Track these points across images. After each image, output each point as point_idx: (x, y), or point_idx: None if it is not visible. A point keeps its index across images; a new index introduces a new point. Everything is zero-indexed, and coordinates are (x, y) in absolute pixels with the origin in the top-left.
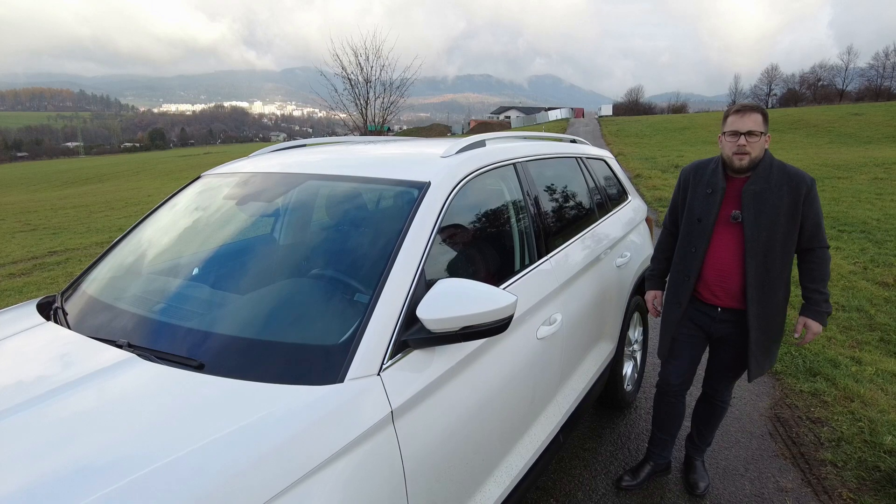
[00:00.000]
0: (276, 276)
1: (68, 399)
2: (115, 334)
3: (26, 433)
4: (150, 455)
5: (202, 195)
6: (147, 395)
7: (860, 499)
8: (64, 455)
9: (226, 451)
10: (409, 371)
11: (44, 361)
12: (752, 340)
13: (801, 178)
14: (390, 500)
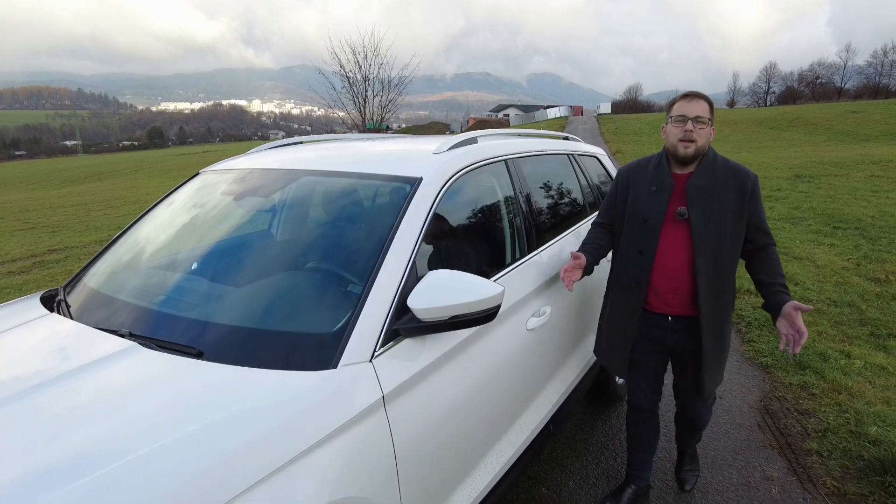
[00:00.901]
0: (273, 269)
1: (73, 385)
2: (117, 324)
3: (33, 418)
4: (153, 436)
5: (200, 191)
6: (148, 380)
7: (843, 487)
8: (68, 438)
9: (225, 432)
10: (401, 358)
11: (48, 350)
12: (706, 350)
13: (745, 174)
14: (383, 482)
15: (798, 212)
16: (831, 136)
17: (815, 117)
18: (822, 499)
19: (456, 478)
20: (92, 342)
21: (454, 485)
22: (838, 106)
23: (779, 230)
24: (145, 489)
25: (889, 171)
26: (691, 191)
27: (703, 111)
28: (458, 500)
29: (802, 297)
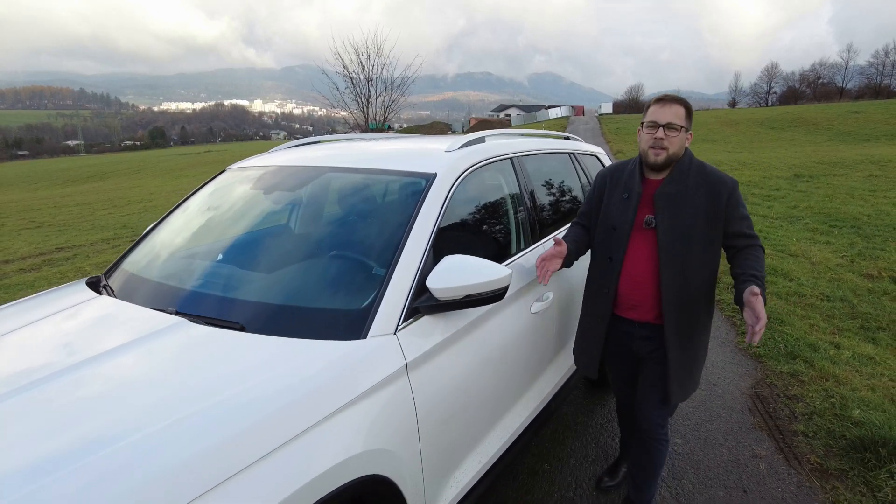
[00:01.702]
0: (305, 255)
1: (138, 351)
2: (164, 304)
3: (106, 380)
4: (211, 392)
5: (229, 186)
6: (198, 349)
7: (826, 463)
8: (143, 393)
9: (274, 390)
10: (420, 333)
11: (108, 325)
12: (671, 359)
13: (721, 181)
14: (406, 438)
15: (796, 211)
16: (832, 136)
17: (816, 117)
18: (805, 474)
19: (469, 443)
20: (145, 318)
21: (467, 451)
22: (839, 106)
23: (776, 228)
24: (219, 430)
25: (888, 170)
26: (659, 198)
27: (675, 117)
28: (470, 465)
29: (796, 292)
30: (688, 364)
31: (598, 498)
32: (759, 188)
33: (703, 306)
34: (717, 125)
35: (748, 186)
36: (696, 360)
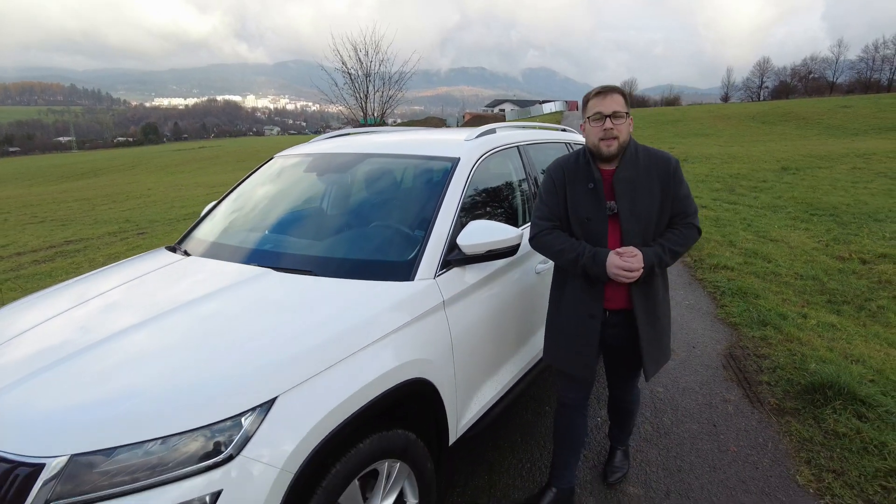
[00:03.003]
0: (360, 221)
1: (237, 293)
2: (249, 259)
3: (233, 305)
4: (309, 311)
5: (281, 170)
6: (284, 288)
7: (783, 404)
8: (249, 322)
9: (351, 313)
10: (452, 279)
11: (211, 273)
12: (644, 339)
13: (666, 160)
14: (443, 354)
15: (780, 201)
16: (821, 130)
17: (806, 112)
18: (766, 413)
19: (487, 372)
20: (237, 269)
21: (485, 377)
22: (829, 101)
23: (760, 217)
24: (322, 334)
25: (871, 163)
26: (618, 184)
27: (619, 106)
28: (488, 389)
29: (773, 271)
30: (657, 339)
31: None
32: (747, 180)
33: (662, 282)
34: (709, 119)
35: (737, 178)
36: (664, 334)
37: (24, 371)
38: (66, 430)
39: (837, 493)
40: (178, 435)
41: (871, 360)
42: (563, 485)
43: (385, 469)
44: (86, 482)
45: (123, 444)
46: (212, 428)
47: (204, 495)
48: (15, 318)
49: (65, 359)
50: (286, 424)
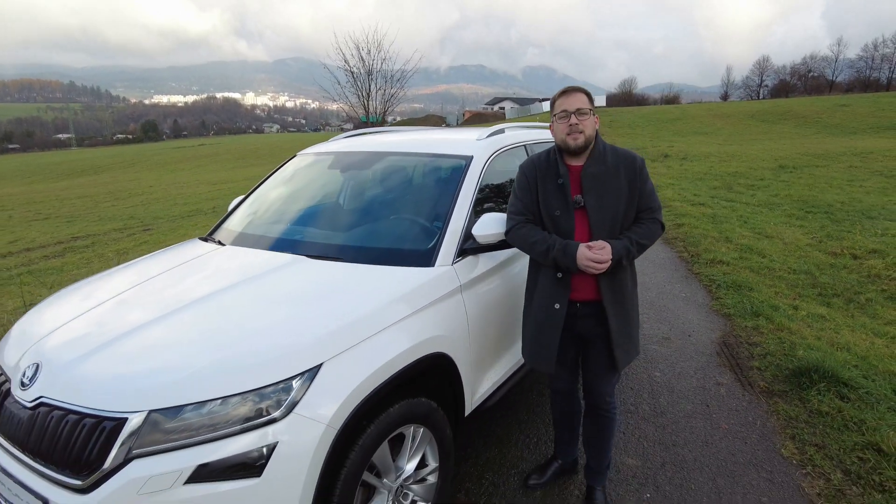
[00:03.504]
0: (382, 214)
1: (276, 276)
2: (280, 248)
3: (268, 293)
4: (338, 298)
5: (305, 167)
6: (318, 272)
7: (771, 386)
8: (291, 299)
9: (378, 295)
10: (468, 266)
11: (247, 260)
12: (613, 330)
13: (632, 158)
14: (461, 331)
15: (776, 199)
16: (820, 128)
17: (805, 110)
18: (755, 395)
19: (498, 352)
20: (270, 257)
21: (496, 357)
22: (828, 99)
23: (756, 214)
24: (357, 311)
25: (867, 162)
26: (585, 179)
27: (582, 103)
28: (498, 368)
29: (767, 266)
30: (626, 330)
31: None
32: (744, 178)
33: (630, 275)
34: (708, 118)
35: (735, 177)
36: (632, 326)
37: (105, 339)
38: (145, 389)
39: (818, 464)
40: (238, 395)
41: (856, 347)
42: (567, 458)
43: (410, 433)
44: (161, 434)
45: (192, 402)
46: (267, 389)
47: (261, 447)
48: (83, 295)
49: (139, 328)
50: (330, 387)
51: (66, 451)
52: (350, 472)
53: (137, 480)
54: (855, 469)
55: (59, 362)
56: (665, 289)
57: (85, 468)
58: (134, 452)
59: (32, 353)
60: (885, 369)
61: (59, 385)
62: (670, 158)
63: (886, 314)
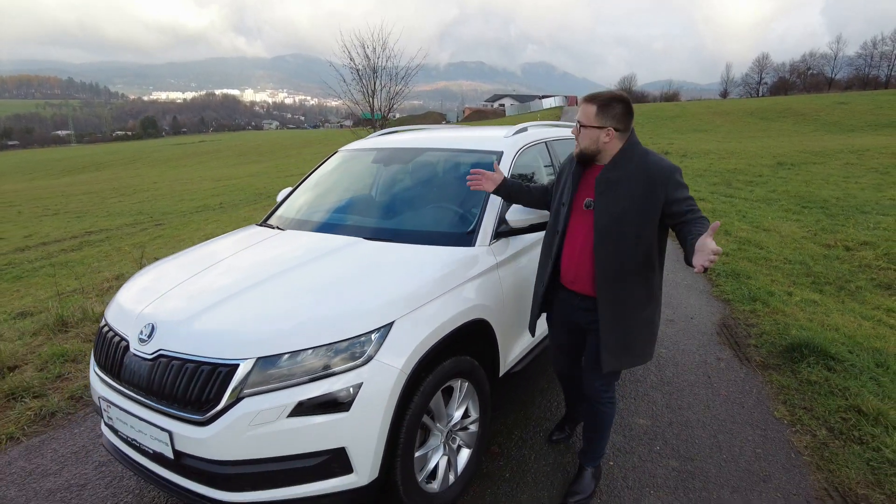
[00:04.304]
0: (426, 202)
1: (343, 253)
2: (337, 231)
3: (339, 267)
4: (399, 271)
5: (348, 161)
6: (377, 251)
7: (766, 361)
8: (362, 273)
9: (430, 268)
10: (502, 247)
11: (310, 241)
12: (603, 329)
13: (660, 168)
14: (497, 304)
15: (774, 194)
16: (819, 126)
17: (804, 108)
18: (752, 368)
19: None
20: (330, 238)
21: (524, 327)
22: (827, 97)
23: (754, 209)
24: (416, 281)
25: (864, 159)
26: (599, 183)
27: (583, 116)
28: (527, 337)
29: (764, 257)
30: (621, 336)
31: None
32: (743, 175)
33: (639, 283)
34: (707, 116)
35: (734, 174)
36: (632, 334)
37: (211, 302)
38: (252, 341)
39: (806, 423)
40: (328, 345)
41: (844, 328)
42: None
43: (458, 386)
44: (266, 377)
45: (290, 351)
46: (352, 341)
47: (349, 387)
48: (173, 269)
49: (238, 293)
50: (400, 341)
51: (186, 392)
52: (414, 412)
53: (248, 415)
54: (838, 427)
55: (173, 321)
56: (668, 277)
57: (203, 406)
58: (244, 392)
59: (146, 316)
60: (870, 346)
61: (176, 339)
62: (670, 156)
63: (874, 300)
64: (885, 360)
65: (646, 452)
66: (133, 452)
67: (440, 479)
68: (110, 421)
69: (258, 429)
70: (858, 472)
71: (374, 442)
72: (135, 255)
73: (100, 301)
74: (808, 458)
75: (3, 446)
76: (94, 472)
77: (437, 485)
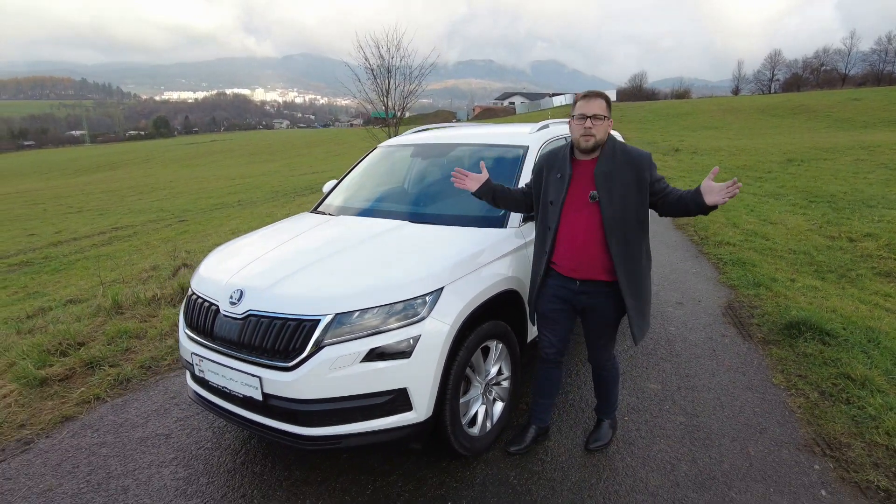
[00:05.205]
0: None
1: (394, 234)
2: (389, 216)
3: (393, 244)
4: (445, 247)
5: (387, 155)
6: (423, 232)
7: (767, 337)
8: (411, 251)
9: (472, 245)
10: (529, 229)
11: (361, 224)
12: (629, 307)
13: (640, 156)
14: (526, 279)
15: (783, 190)
16: (831, 123)
17: (816, 105)
18: (754, 344)
19: None
20: (380, 221)
21: None
22: (840, 93)
23: (762, 203)
24: (454, 260)
25: (874, 155)
26: (598, 176)
27: (599, 109)
28: None
29: (770, 248)
30: (641, 308)
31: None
32: (752, 171)
33: (645, 260)
34: (718, 113)
35: (743, 169)
36: (646, 303)
37: (290, 271)
38: (331, 299)
39: (800, 388)
40: (391, 304)
41: (842, 310)
42: (541, 424)
43: (494, 345)
44: (344, 330)
45: (365, 307)
46: (411, 301)
47: (409, 338)
48: (246, 246)
49: (311, 264)
50: (449, 303)
51: (274, 343)
52: (460, 363)
53: (328, 360)
54: (829, 390)
55: (259, 287)
56: (677, 266)
57: (289, 354)
58: (325, 342)
59: (234, 284)
60: (864, 325)
61: (264, 301)
62: (681, 152)
63: (873, 287)
64: (877, 336)
65: (656, 410)
66: (220, 400)
67: (479, 425)
68: (202, 374)
69: (337, 372)
70: (843, 425)
71: (430, 384)
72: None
73: (144, 288)
74: (801, 415)
75: (93, 404)
76: (175, 425)
77: (477, 430)
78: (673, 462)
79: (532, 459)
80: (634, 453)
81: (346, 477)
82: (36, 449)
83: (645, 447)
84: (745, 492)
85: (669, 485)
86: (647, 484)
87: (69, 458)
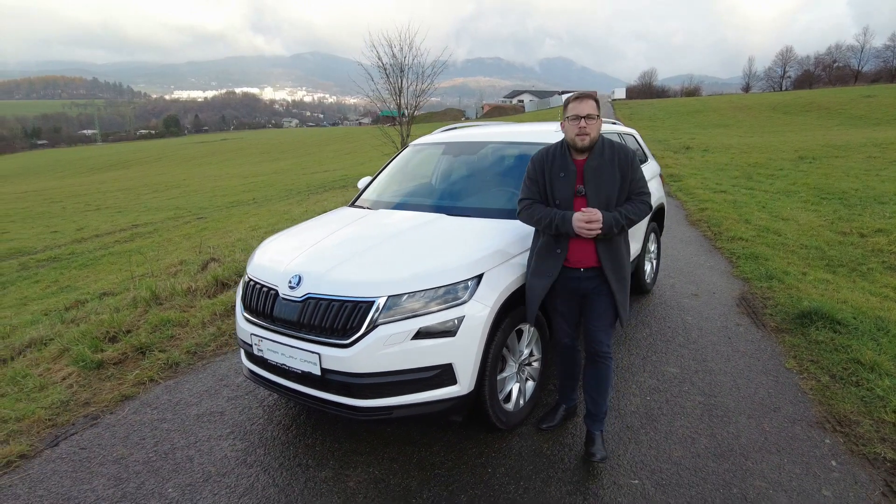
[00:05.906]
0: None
1: (432, 225)
2: (420, 209)
3: (433, 234)
4: (482, 237)
5: (421, 152)
6: (459, 224)
7: (779, 325)
8: (446, 242)
9: (504, 235)
10: None
11: (399, 216)
12: (615, 290)
13: (625, 153)
14: None
15: (794, 187)
16: (843, 120)
17: (829, 102)
18: (767, 332)
19: None
20: (418, 214)
21: None
22: (853, 90)
23: (774, 200)
24: (491, 249)
25: (887, 152)
26: (586, 172)
27: (591, 109)
28: None
29: (782, 243)
30: (622, 291)
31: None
32: (764, 168)
33: (625, 248)
34: (729, 110)
35: (755, 167)
36: (626, 287)
37: (344, 257)
38: (384, 283)
39: (812, 371)
40: (436, 288)
41: (852, 301)
42: (569, 403)
43: (526, 329)
44: (396, 310)
45: (414, 290)
46: (455, 286)
47: (454, 318)
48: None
49: (363, 251)
50: (490, 287)
51: (333, 323)
52: (498, 343)
53: (382, 338)
54: (839, 374)
55: (316, 272)
56: (692, 260)
57: (346, 333)
58: (379, 321)
59: (292, 269)
60: (873, 315)
61: (322, 285)
62: (692, 150)
63: (883, 280)
64: (886, 325)
65: (676, 391)
66: (277, 377)
67: (513, 401)
68: (260, 353)
69: (390, 348)
70: (853, 405)
71: (473, 360)
72: (189, 245)
73: (176, 281)
74: (812, 396)
75: (147, 385)
76: (228, 404)
77: (511, 405)
78: (693, 436)
79: (563, 433)
80: (658, 428)
81: (392, 448)
82: (103, 423)
83: (667, 423)
84: (761, 462)
85: (691, 456)
86: (671, 455)
87: (135, 431)
